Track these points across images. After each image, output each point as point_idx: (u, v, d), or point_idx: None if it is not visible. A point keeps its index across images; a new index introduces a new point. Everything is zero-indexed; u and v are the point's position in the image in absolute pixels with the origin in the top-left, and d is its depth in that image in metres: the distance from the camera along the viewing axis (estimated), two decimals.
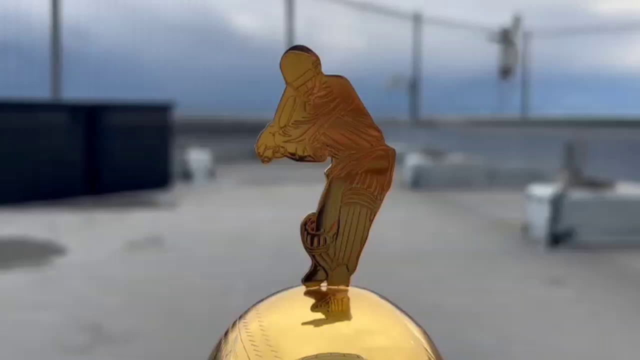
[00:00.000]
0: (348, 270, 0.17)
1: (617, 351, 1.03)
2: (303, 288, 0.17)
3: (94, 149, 2.86)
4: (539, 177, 2.50)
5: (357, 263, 0.17)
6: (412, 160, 3.32)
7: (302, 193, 2.92)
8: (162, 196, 2.95)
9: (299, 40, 6.19)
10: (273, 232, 2.06)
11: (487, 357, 1.00)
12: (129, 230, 2.11)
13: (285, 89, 0.15)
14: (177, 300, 1.33)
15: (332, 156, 0.16)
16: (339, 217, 0.16)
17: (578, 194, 1.79)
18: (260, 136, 0.16)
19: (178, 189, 3.21)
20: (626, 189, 1.87)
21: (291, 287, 0.18)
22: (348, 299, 0.17)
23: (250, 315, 0.16)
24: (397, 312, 0.17)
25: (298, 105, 0.15)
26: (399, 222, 2.30)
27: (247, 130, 5.52)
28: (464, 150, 3.05)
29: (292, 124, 0.15)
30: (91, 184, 2.85)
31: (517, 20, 6.43)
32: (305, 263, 0.23)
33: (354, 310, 0.17)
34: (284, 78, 0.15)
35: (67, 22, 3.76)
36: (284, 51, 0.18)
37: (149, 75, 4.85)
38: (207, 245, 1.89)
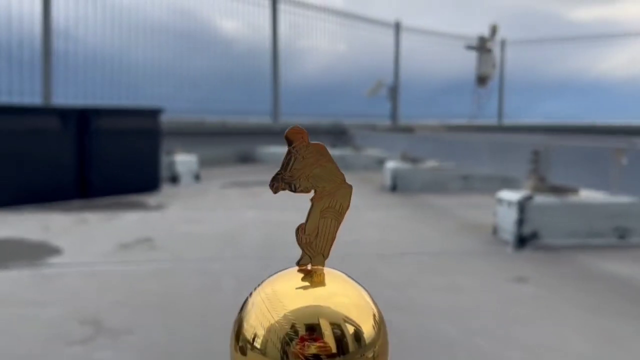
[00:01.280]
0: (324, 257, 0.28)
1: (569, 340, 1.15)
2: (296, 268, 0.28)
3: (85, 153, 2.94)
4: (511, 182, 2.64)
5: (329, 252, 0.28)
6: (391, 165, 3.45)
7: (284, 197, 3.01)
8: (150, 198, 3.04)
9: (284, 45, 6.30)
10: (259, 233, 2.17)
11: (451, 345, 1.12)
12: (120, 231, 2.21)
13: (288, 150, 0.25)
14: (171, 296, 1.44)
15: (314, 190, 0.26)
16: (318, 225, 0.27)
17: (543, 199, 1.93)
18: (273, 178, 0.26)
19: (166, 192, 3.30)
20: (588, 195, 2.01)
21: (288, 268, 0.29)
22: (324, 274, 0.28)
23: (264, 284, 0.27)
24: (354, 283, 0.28)
25: (295, 160, 0.25)
26: (377, 222, 2.42)
27: (232, 134, 5.64)
28: (440, 155, 3.18)
29: (291, 171, 0.25)
30: (82, 187, 2.93)
31: (493, 29, 6.63)
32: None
33: (327, 281, 0.27)
34: (287, 144, 0.25)
35: (36, 20, 3.81)
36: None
37: (134, 78, 4.92)
38: (196, 245, 2.00)
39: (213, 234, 2.17)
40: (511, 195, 1.96)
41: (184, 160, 3.76)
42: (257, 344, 0.24)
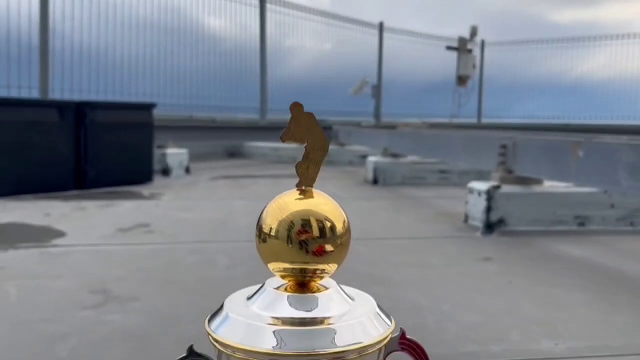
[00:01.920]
0: (312, 181, 0.43)
1: (521, 306, 1.33)
2: (295, 189, 0.43)
3: (81, 145, 3.07)
4: (485, 176, 2.81)
5: (315, 179, 0.43)
6: (373, 159, 3.62)
7: (271, 188, 3.19)
8: (144, 189, 3.18)
9: (271, 43, 6.44)
10: (247, 219, 2.32)
11: (421, 311, 1.28)
12: (118, 217, 2.35)
13: (291, 116, 0.40)
14: (169, 271, 1.59)
15: (307, 141, 0.42)
16: (309, 162, 0.42)
17: (509, 189, 2.11)
18: (282, 134, 0.42)
19: (158, 183, 3.44)
20: (551, 185, 2.20)
21: (291, 190, 0.44)
22: (312, 192, 0.43)
23: (275, 198, 0.42)
24: (332, 199, 0.43)
25: (295, 122, 0.41)
26: (358, 212, 2.59)
27: (220, 129, 5.78)
28: (419, 151, 3.36)
29: (292, 129, 0.41)
30: (78, 178, 3.06)
31: (473, 30, 6.84)
32: None
33: (315, 196, 0.42)
34: (290, 112, 0.41)
35: (33, 17, 3.92)
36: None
37: (125, 74, 5.04)
38: (189, 229, 2.15)
39: (205, 220, 2.33)
40: (480, 185, 2.14)
41: (175, 154, 3.90)
42: (272, 233, 0.39)
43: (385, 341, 0.38)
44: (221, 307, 0.40)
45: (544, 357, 1.04)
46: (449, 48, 7.08)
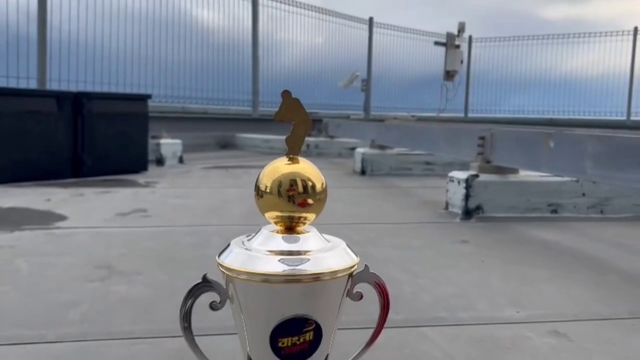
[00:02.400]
0: (299, 151, 0.55)
1: (491, 281, 1.46)
2: (285, 157, 0.55)
3: (79, 135, 3.17)
4: (468, 167, 2.94)
5: (300, 148, 0.55)
6: (361, 150, 3.75)
7: None
8: (139, 178, 3.29)
9: (263, 37, 6.54)
10: (240, 206, 2.44)
11: (399, 284, 1.41)
12: (116, 203, 2.46)
13: (282, 101, 0.52)
14: (168, 250, 1.70)
15: (294, 120, 0.54)
16: (296, 135, 0.54)
17: (487, 177, 2.24)
18: (276, 113, 0.54)
19: (153, 172, 3.55)
20: (526, 174, 2.33)
21: (282, 157, 0.56)
22: (298, 159, 0.55)
23: (270, 163, 0.54)
24: (314, 165, 0.55)
25: (285, 105, 0.53)
26: (346, 200, 2.71)
27: (213, 120, 5.88)
28: (406, 143, 3.49)
29: (283, 110, 0.53)
30: (75, 167, 3.16)
31: (461, 26, 6.98)
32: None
33: (300, 162, 0.54)
34: (282, 98, 0.52)
35: (31, 11, 4.01)
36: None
37: (118, 65, 5.12)
38: (185, 214, 2.27)
39: (200, 206, 2.44)
40: (460, 175, 2.27)
41: (169, 144, 4.01)
42: (267, 190, 0.51)
43: (352, 269, 0.51)
44: (228, 245, 0.52)
45: (505, 322, 1.17)
46: (437, 43, 7.22)
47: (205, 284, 0.52)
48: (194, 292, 0.52)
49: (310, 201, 0.51)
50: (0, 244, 1.71)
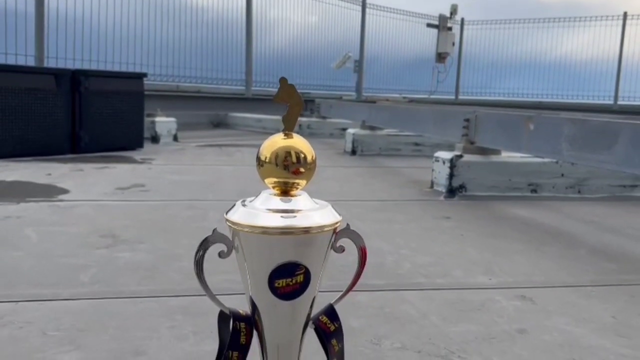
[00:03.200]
0: (293, 127, 0.65)
1: (467, 251, 1.58)
2: (281, 133, 0.66)
3: (76, 112, 3.25)
4: (454, 148, 3.05)
5: (294, 126, 0.65)
6: (351, 131, 3.85)
7: (255, 155, 3.41)
8: (136, 154, 3.38)
9: (256, 15, 6.58)
10: (234, 182, 2.55)
11: (382, 254, 1.53)
12: (115, 178, 2.56)
13: (279, 85, 0.62)
14: (168, 221, 1.81)
15: (289, 101, 0.64)
16: (291, 115, 0.65)
17: (470, 158, 2.36)
18: (274, 96, 0.64)
19: (148, 149, 3.64)
20: (508, 155, 2.45)
21: (279, 133, 0.67)
22: (292, 135, 0.66)
23: (269, 138, 0.65)
24: (306, 140, 0.66)
25: (282, 89, 0.63)
26: (336, 178, 2.83)
27: (206, 99, 5.94)
28: (395, 124, 3.59)
29: (280, 94, 0.63)
30: (73, 143, 3.25)
31: (453, 8, 7.04)
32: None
33: (294, 137, 0.64)
34: (279, 83, 0.62)
35: None
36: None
37: (114, 44, 5.17)
38: (182, 189, 2.37)
39: (196, 182, 2.55)
40: (445, 155, 2.38)
41: (163, 122, 4.09)
42: (266, 160, 0.62)
43: (336, 226, 0.62)
44: (233, 205, 0.63)
45: (478, 288, 1.29)
46: (430, 25, 7.29)
47: (215, 236, 0.62)
48: (205, 243, 0.62)
49: (302, 170, 0.61)
50: (8, 214, 1.81)
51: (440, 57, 7.29)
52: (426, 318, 1.09)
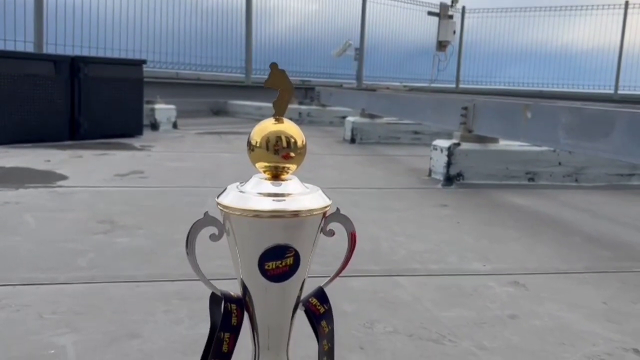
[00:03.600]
0: (283, 113, 0.66)
1: (463, 239, 1.59)
2: (272, 118, 0.67)
3: (76, 98, 3.25)
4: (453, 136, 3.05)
5: (285, 111, 0.66)
6: (351, 119, 3.85)
7: None
8: (135, 141, 3.39)
9: (256, 3, 6.55)
10: (233, 169, 2.56)
11: (378, 240, 1.54)
12: (114, 164, 2.57)
13: (270, 71, 0.63)
14: (166, 208, 1.82)
15: (280, 87, 0.64)
16: (281, 100, 0.65)
17: (468, 146, 2.36)
18: (264, 82, 0.64)
19: (148, 136, 3.65)
20: (506, 144, 2.45)
21: (269, 118, 0.67)
22: (283, 120, 0.66)
23: (258, 124, 0.66)
24: (296, 125, 0.66)
25: (273, 75, 0.64)
26: (335, 166, 2.83)
27: (205, 86, 5.94)
28: (394, 112, 3.59)
29: (272, 79, 0.64)
30: (72, 130, 3.25)
31: None
32: None
33: (284, 122, 0.65)
34: (270, 69, 0.63)
35: None
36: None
37: (114, 30, 5.15)
38: (181, 176, 2.38)
39: (194, 169, 2.56)
40: (443, 143, 2.39)
41: (163, 109, 4.09)
42: (257, 145, 0.62)
43: (326, 209, 0.62)
44: (225, 189, 0.64)
45: (471, 274, 1.30)
46: (430, 13, 7.26)
47: (206, 219, 0.63)
48: (197, 226, 0.63)
49: (292, 154, 0.62)
50: (7, 200, 1.82)
51: (441, 45, 7.26)
52: (419, 303, 1.10)
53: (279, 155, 0.62)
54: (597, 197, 2.30)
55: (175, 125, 4.23)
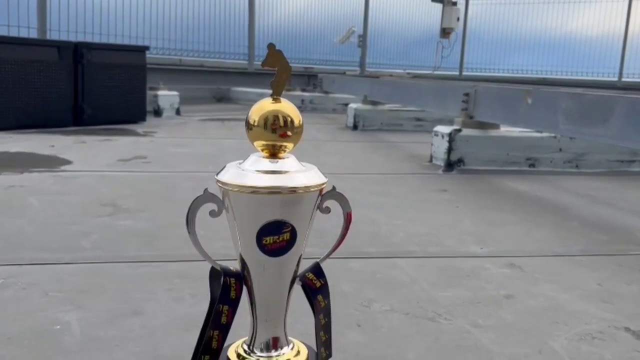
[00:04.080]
0: (281, 92, 0.67)
1: (461, 223, 1.60)
2: (270, 98, 0.68)
3: (79, 85, 3.27)
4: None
5: (282, 90, 0.68)
6: (353, 106, 3.86)
7: None
8: (138, 127, 3.41)
9: None
10: (235, 155, 2.57)
11: (377, 224, 1.56)
12: (117, 150, 2.59)
13: (267, 51, 0.64)
14: (168, 192, 1.84)
15: (276, 66, 0.66)
16: (280, 80, 0.67)
17: (469, 132, 2.37)
18: (263, 62, 0.66)
19: (151, 123, 3.66)
20: (507, 129, 2.46)
21: (267, 97, 0.69)
22: (280, 99, 0.68)
23: (258, 102, 0.67)
24: (293, 105, 0.68)
25: (270, 55, 0.65)
26: (336, 152, 2.85)
27: (208, 73, 5.94)
28: (396, 99, 3.60)
29: (269, 59, 0.65)
30: (75, 116, 3.27)
31: None
32: None
33: (282, 102, 0.66)
34: (267, 49, 0.64)
35: None
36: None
37: (117, 16, 5.15)
38: (184, 161, 2.40)
39: (197, 155, 2.58)
40: (444, 129, 2.40)
41: (166, 95, 4.11)
42: (255, 124, 0.64)
43: (322, 187, 0.64)
44: (224, 167, 0.65)
45: (469, 256, 1.32)
46: (434, 0, 7.23)
47: (206, 196, 0.65)
48: (197, 202, 0.65)
49: (289, 133, 0.64)
50: (12, 183, 1.85)
51: (445, 32, 7.23)
52: (416, 283, 1.12)
53: (277, 134, 0.64)
54: (597, 182, 2.31)
55: (178, 112, 4.25)
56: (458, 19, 7.28)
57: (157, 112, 4.04)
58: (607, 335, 0.93)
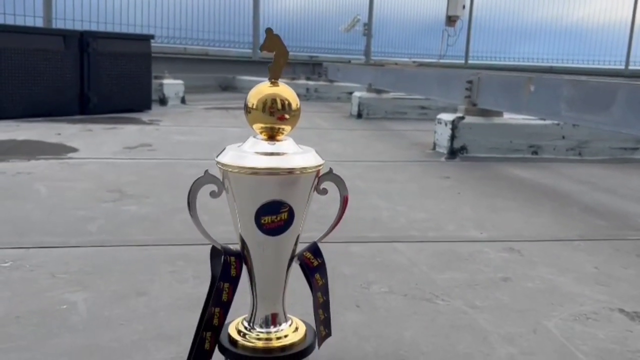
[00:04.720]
0: (278, 76, 0.69)
1: (462, 209, 1.62)
2: (268, 82, 0.70)
3: (85, 73, 3.29)
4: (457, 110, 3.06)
5: (280, 74, 0.69)
6: (357, 94, 3.87)
7: None
8: (144, 116, 3.43)
9: None
10: (239, 142, 2.59)
11: (379, 210, 1.58)
12: (123, 138, 2.61)
13: (266, 36, 0.65)
14: (173, 179, 1.87)
15: (275, 51, 0.67)
16: (277, 65, 0.68)
17: (472, 119, 2.38)
18: (261, 47, 0.67)
19: (156, 111, 3.69)
20: (510, 117, 2.47)
21: (265, 81, 0.71)
22: (278, 83, 0.69)
23: (254, 87, 0.69)
24: (291, 89, 0.70)
25: (269, 39, 0.66)
26: (340, 140, 2.86)
27: (213, 62, 5.95)
28: (400, 87, 3.60)
29: (267, 44, 0.67)
30: (82, 105, 3.30)
31: None
32: None
33: (279, 85, 0.68)
34: (265, 33, 0.65)
35: None
36: None
37: (122, 5, 5.16)
38: (188, 149, 2.42)
39: (201, 143, 2.60)
40: (447, 116, 2.41)
41: (171, 84, 4.13)
42: (254, 107, 0.66)
43: (319, 168, 0.66)
44: (223, 149, 0.67)
45: (468, 241, 1.34)
46: None
47: (206, 177, 0.67)
48: (198, 183, 0.67)
49: (286, 116, 0.66)
50: (19, 170, 1.87)
51: (450, 20, 7.21)
52: (415, 266, 1.14)
53: (275, 117, 0.66)
54: (600, 170, 2.32)
55: (183, 100, 4.27)
56: (464, 6, 7.24)
57: (163, 101, 4.06)
58: (601, 316, 0.95)
